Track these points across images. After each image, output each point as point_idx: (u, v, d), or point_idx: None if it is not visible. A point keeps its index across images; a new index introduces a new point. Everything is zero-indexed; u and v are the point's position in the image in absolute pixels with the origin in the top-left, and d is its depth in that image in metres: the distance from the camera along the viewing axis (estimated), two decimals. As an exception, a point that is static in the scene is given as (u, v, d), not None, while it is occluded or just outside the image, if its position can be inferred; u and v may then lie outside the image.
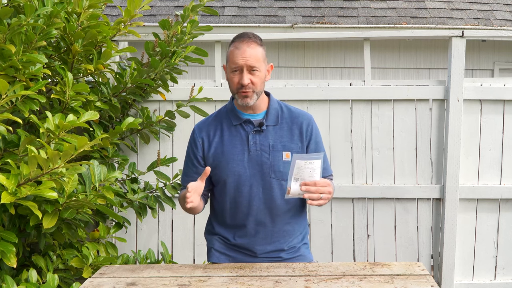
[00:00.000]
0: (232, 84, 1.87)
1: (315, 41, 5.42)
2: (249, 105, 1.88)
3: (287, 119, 1.95)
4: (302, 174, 1.73)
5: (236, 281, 1.63)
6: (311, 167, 1.73)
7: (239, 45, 1.84)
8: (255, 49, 1.84)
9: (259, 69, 1.84)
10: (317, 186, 1.72)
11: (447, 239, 3.14)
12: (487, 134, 3.17)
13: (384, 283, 1.59)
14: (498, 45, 5.51)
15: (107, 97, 2.75)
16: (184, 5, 5.25)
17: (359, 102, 3.18)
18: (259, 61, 1.84)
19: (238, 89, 1.86)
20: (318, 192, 1.72)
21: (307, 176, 1.73)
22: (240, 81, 1.83)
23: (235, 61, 1.83)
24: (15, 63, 2.04)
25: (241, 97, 1.86)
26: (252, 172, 1.88)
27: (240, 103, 1.89)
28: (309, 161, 1.73)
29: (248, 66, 1.82)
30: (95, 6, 2.42)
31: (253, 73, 1.84)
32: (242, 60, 1.82)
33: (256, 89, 1.86)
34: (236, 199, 1.93)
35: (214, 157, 1.94)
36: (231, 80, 1.88)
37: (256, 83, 1.85)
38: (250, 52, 1.83)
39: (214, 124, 1.98)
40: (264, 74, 1.89)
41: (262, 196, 1.91)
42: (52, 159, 1.78)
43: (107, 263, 2.28)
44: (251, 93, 1.85)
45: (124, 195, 2.64)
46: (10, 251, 1.84)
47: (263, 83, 1.90)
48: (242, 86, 1.84)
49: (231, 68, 1.86)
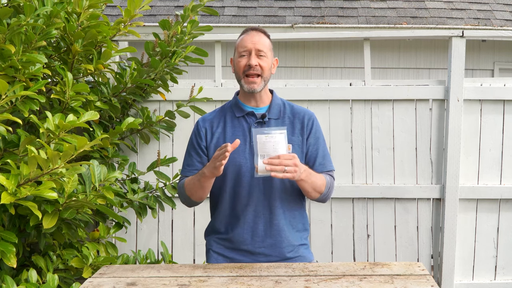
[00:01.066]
0: (239, 68, 1.91)
1: (315, 41, 5.42)
2: (255, 91, 1.90)
3: (289, 114, 1.98)
4: (266, 150, 1.73)
5: (236, 281, 1.63)
6: (273, 141, 1.72)
7: (248, 32, 1.94)
8: (263, 38, 1.93)
9: (266, 55, 1.91)
10: (281, 159, 1.71)
11: (447, 239, 3.14)
12: (487, 134, 3.16)
13: (384, 283, 1.59)
14: (498, 45, 5.50)
15: (107, 97, 2.75)
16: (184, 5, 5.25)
17: (359, 102, 3.18)
18: (266, 47, 1.92)
19: (245, 72, 1.89)
20: (281, 165, 1.70)
21: (272, 151, 1.72)
22: (248, 62, 1.88)
23: (244, 45, 1.90)
24: (15, 63, 2.04)
25: (247, 83, 1.90)
26: (252, 163, 1.88)
27: (246, 89, 1.91)
28: (269, 135, 1.72)
29: (256, 49, 1.89)
30: (95, 6, 2.42)
31: (261, 58, 1.90)
32: (251, 44, 1.89)
33: (264, 74, 1.90)
34: (236, 189, 1.93)
35: (216, 147, 1.94)
36: (238, 65, 1.91)
37: (264, 67, 1.89)
38: (259, 39, 1.91)
39: (218, 117, 2.01)
40: (271, 62, 1.95)
41: (263, 187, 1.91)
42: (52, 159, 1.78)
43: (107, 263, 2.28)
44: (258, 78, 1.89)
45: (124, 195, 2.64)
46: (10, 251, 1.84)
47: (270, 71, 1.94)
48: (249, 68, 1.88)
49: (239, 53, 1.91)
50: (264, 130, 1.75)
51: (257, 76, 1.89)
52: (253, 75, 1.88)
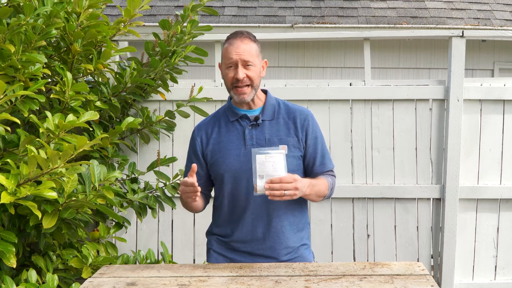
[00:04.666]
0: (227, 80, 1.88)
1: (315, 41, 5.42)
2: (246, 101, 1.89)
3: (283, 114, 1.95)
4: (265, 170, 1.72)
5: (236, 281, 1.63)
6: (272, 161, 1.72)
7: (232, 41, 1.86)
8: (248, 45, 1.86)
9: (253, 64, 1.86)
10: (282, 183, 1.71)
11: (447, 239, 3.13)
12: (487, 134, 3.16)
13: (384, 283, 1.59)
14: (498, 45, 5.51)
15: (107, 97, 2.75)
16: (184, 5, 5.25)
17: (359, 102, 3.18)
18: (253, 56, 1.86)
19: (233, 84, 1.86)
20: (282, 189, 1.70)
21: (271, 170, 1.72)
22: (235, 76, 1.84)
23: (229, 57, 1.85)
24: (15, 63, 2.04)
25: (237, 94, 1.87)
26: (248, 166, 1.86)
27: (237, 101, 1.90)
28: (269, 155, 1.72)
29: (242, 60, 1.84)
30: (95, 6, 2.42)
31: (248, 68, 1.85)
32: (236, 55, 1.83)
33: (253, 83, 1.87)
34: (234, 194, 1.93)
35: (212, 153, 1.95)
36: (226, 77, 1.89)
37: (253, 77, 1.86)
38: (244, 47, 1.84)
39: (212, 122, 2.00)
40: (259, 69, 1.90)
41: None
42: (51, 159, 1.77)
43: (107, 263, 2.28)
44: (248, 88, 1.87)
45: (124, 195, 2.64)
46: (9, 251, 1.83)
47: (259, 77, 1.91)
48: (237, 81, 1.85)
49: (226, 64, 1.87)
50: (263, 150, 1.74)
51: (246, 86, 1.86)
52: (241, 86, 1.86)
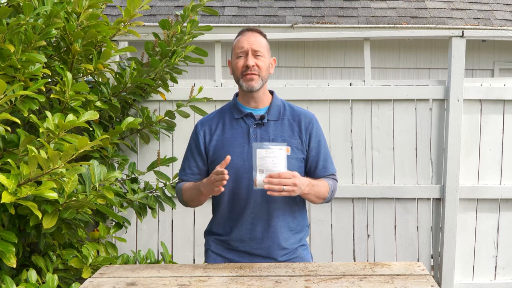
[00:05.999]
0: (237, 69, 1.92)
1: (315, 41, 5.42)
2: (254, 89, 1.90)
3: (288, 115, 1.97)
4: (265, 164, 1.73)
5: (236, 281, 1.63)
6: (273, 157, 1.73)
7: (244, 33, 1.95)
8: (259, 38, 1.94)
9: (263, 55, 1.91)
10: (281, 178, 1.72)
11: (447, 239, 3.13)
12: (487, 134, 3.16)
13: (384, 283, 1.59)
14: (498, 45, 5.50)
15: (107, 97, 2.75)
16: (184, 5, 5.25)
17: (359, 102, 3.18)
18: (263, 47, 1.93)
19: (243, 72, 1.90)
20: (280, 184, 1.72)
21: (271, 165, 1.73)
22: (246, 63, 1.88)
23: (241, 46, 1.91)
24: (14, 63, 2.04)
25: (246, 81, 1.90)
26: (251, 165, 1.85)
27: (245, 88, 1.91)
28: (269, 150, 1.73)
29: (253, 50, 1.89)
30: (95, 6, 2.42)
31: (258, 58, 1.90)
32: (248, 44, 1.90)
33: (261, 73, 1.90)
34: (235, 191, 1.92)
35: (214, 149, 1.95)
36: (235, 66, 1.92)
37: (261, 66, 1.90)
38: (255, 39, 1.92)
39: (216, 119, 2.01)
40: (269, 62, 1.95)
41: (262, 190, 1.90)
42: (52, 159, 1.77)
43: (107, 263, 2.28)
44: (256, 76, 1.89)
45: (124, 195, 2.64)
46: (9, 251, 1.83)
47: (268, 70, 1.94)
48: (247, 68, 1.88)
49: (237, 54, 1.92)
50: (264, 145, 1.75)
51: (255, 74, 1.89)
52: (250, 74, 1.89)
